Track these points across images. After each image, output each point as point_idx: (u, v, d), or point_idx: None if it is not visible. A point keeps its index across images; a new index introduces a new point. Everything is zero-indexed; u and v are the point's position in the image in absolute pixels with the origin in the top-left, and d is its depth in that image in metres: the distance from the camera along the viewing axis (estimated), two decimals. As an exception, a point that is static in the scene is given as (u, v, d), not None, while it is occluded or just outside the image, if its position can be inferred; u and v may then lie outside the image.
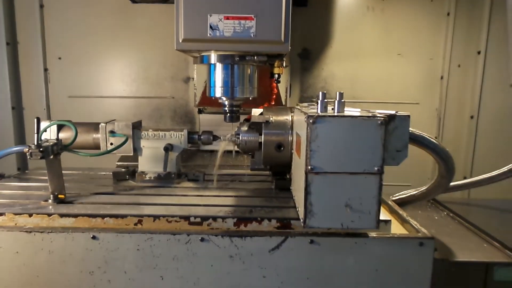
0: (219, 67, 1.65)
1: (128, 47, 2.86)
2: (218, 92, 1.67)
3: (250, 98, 1.73)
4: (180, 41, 1.47)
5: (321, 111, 1.27)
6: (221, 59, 1.62)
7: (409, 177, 2.70)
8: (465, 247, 1.48)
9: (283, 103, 2.46)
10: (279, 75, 1.71)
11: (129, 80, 2.90)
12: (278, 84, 2.31)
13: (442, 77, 2.85)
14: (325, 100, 1.29)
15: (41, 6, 2.81)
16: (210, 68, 1.67)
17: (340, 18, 2.82)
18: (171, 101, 2.92)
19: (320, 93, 1.29)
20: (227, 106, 1.73)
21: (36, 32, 2.81)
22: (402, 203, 1.79)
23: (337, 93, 1.28)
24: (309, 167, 1.21)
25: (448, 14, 2.78)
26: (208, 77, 1.70)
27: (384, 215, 1.49)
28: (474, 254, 1.44)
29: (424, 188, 1.72)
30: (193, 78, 2.84)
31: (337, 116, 1.21)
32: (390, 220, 1.41)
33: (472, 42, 2.80)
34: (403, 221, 1.53)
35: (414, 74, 2.87)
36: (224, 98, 1.71)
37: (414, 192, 1.79)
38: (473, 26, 2.78)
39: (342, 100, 1.29)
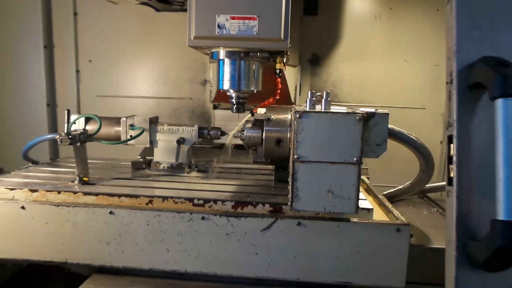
0: (226, 62, 1.81)
1: (151, 51, 3.13)
2: (226, 85, 1.84)
3: (255, 91, 1.88)
4: (192, 38, 1.66)
5: (309, 108, 1.44)
6: (228, 55, 1.78)
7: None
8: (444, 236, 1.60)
9: (292, 100, 2.59)
10: (280, 70, 1.88)
11: (151, 82, 3.16)
12: (288, 83, 2.48)
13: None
14: (314, 98, 1.46)
15: (75, 14, 3.12)
16: (219, 63, 1.84)
17: (349, 26, 2.97)
18: (189, 102, 3.15)
19: (309, 92, 1.46)
20: (234, 98, 1.90)
21: (70, 37, 3.12)
22: (391, 197, 1.92)
23: (324, 92, 1.45)
24: (296, 156, 1.38)
25: (453, 23, 2.88)
26: (217, 72, 1.87)
27: (370, 204, 1.64)
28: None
29: (408, 182, 1.86)
30: (209, 81, 3.07)
31: (320, 112, 1.38)
32: (372, 208, 1.55)
33: (478, 50, 2.88)
34: (387, 211, 1.67)
35: (420, 80, 2.98)
36: (231, 91, 1.87)
37: (401, 187, 1.93)
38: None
39: (328, 99, 1.45)
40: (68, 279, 1.78)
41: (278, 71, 1.91)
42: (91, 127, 1.98)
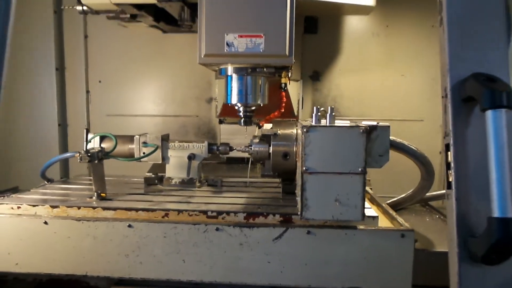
0: (234, 77, 1.92)
1: (158, 71, 3.25)
2: (234, 99, 1.94)
3: (262, 105, 1.99)
4: (202, 56, 1.76)
5: (314, 123, 1.54)
6: (236, 70, 1.89)
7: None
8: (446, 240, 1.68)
9: (295, 113, 2.67)
10: (285, 84, 1.98)
11: (159, 100, 3.27)
12: (291, 97, 2.56)
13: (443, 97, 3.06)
14: (319, 114, 1.57)
15: (86, 36, 3.25)
16: (227, 79, 1.95)
17: (347, 44, 3.10)
18: (195, 119, 3.26)
19: (314, 108, 1.57)
20: (242, 111, 2.00)
21: (81, 59, 3.25)
22: (395, 205, 2.01)
23: (328, 107, 1.55)
24: (304, 168, 1.48)
25: (447, 38, 3.01)
26: (225, 87, 1.98)
27: (375, 212, 1.72)
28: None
29: (410, 191, 1.94)
30: (215, 98, 3.18)
31: (326, 126, 1.48)
32: (377, 216, 1.64)
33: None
34: (392, 219, 1.75)
35: (418, 93, 3.09)
36: (239, 104, 1.97)
37: (403, 195, 2.02)
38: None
39: (333, 114, 1.55)
40: (86, 293, 1.85)
41: (283, 85, 2.01)
42: (105, 145, 2.08)
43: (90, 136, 2.00)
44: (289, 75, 2.01)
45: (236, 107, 2.03)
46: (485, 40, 0.99)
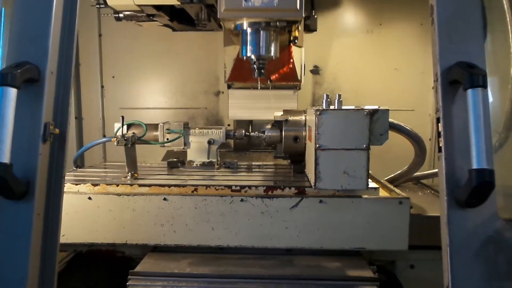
0: (249, 31, 2.06)
1: (169, 67, 3.47)
2: (249, 51, 2.09)
3: (273, 57, 2.14)
4: (222, 10, 1.90)
5: (325, 107, 1.81)
6: (251, 25, 2.04)
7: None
8: (436, 208, 1.96)
9: (298, 78, 2.81)
10: (295, 37, 2.15)
11: (169, 94, 3.50)
12: (295, 64, 2.75)
13: (433, 88, 3.35)
14: (329, 100, 1.84)
15: (100, 35, 3.46)
16: (242, 34, 2.10)
17: (345, 40, 3.37)
18: (204, 111, 3.50)
19: (325, 95, 1.83)
20: (256, 62, 2.15)
21: (95, 56, 3.45)
22: (391, 181, 2.29)
23: (337, 94, 1.82)
24: (317, 145, 1.74)
25: (435, 35, 3.30)
26: (240, 41, 2.13)
27: (375, 185, 1.99)
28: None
29: (405, 167, 2.23)
30: (222, 92, 3.43)
31: (336, 109, 1.75)
32: (378, 187, 1.91)
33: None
34: (390, 191, 2.03)
35: (409, 86, 3.38)
36: (253, 57, 2.13)
37: (399, 171, 2.30)
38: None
39: (341, 100, 1.82)
40: (121, 262, 2.08)
41: (293, 38, 2.22)
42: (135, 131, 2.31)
43: (117, 125, 2.22)
44: (299, 28, 2.16)
45: (250, 59, 2.16)
46: (467, 35, 1.26)
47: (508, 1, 1.61)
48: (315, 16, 3.08)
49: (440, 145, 1.20)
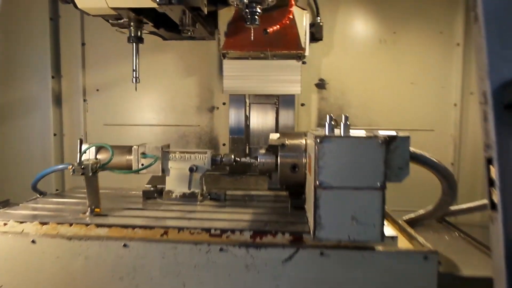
0: None
1: (158, 79, 3.13)
2: None
3: (268, 5, 1.86)
4: None
5: (328, 133, 1.41)
6: None
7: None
8: (471, 263, 1.54)
9: (302, 45, 2.42)
10: None
11: (158, 109, 3.15)
12: (298, 29, 2.37)
13: (455, 104, 2.94)
14: (332, 122, 1.44)
15: (83, 44, 3.14)
16: None
17: (354, 50, 2.99)
18: (197, 129, 3.13)
19: (328, 116, 1.44)
20: (248, 5, 1.83)
21: (78, 67, 3.14)
22: (412, 222, 1.86)
23: (343, 115, 1.42)
24: (317, 182, 1.34)
25: (458, 44, 2.90)
26: None
27: (392, 232, 1.58)
28: (479, 269, 1.49)
29: (430, 207, 1.80)
30: (217, 108, 3.07)
31: (341, 136, 1.35)
32: (396, 236, 1.50)
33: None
34: (411, 238, 1.61)
35: (428, 102, 2.97)
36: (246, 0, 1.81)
37: (423, 211, 1.87)
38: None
39: (348, 123, 1.42)
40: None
41: None
42: (102, 156, 1.95)
43: (84, 146, 1.87)
44: None
45: (241, 2, 1.84)
46: (531, 38, 0.87)
47: None
48: (321, 24, 2.73)
49: (494, 199, 0.80)
